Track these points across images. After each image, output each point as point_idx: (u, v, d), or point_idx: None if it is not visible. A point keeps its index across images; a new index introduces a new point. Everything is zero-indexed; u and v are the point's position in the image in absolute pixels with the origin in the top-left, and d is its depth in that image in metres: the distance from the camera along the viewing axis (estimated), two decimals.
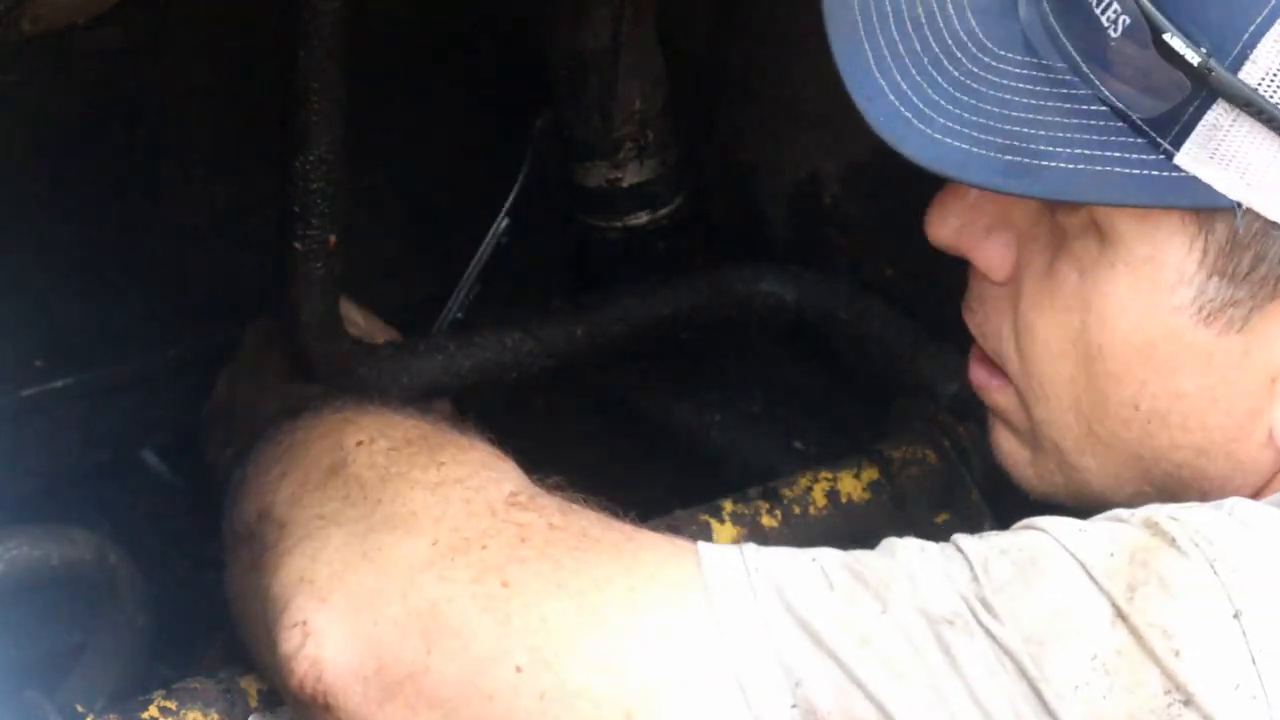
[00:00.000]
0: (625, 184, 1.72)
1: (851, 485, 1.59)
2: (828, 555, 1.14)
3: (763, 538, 1.53)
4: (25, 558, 1.41)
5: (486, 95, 1.82)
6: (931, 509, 1.61)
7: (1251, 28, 1.10)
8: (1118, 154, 1.14)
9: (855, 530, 1.58)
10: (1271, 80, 1.10)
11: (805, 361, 1.92)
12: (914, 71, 1.19)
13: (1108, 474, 1.27)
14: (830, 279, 1.83)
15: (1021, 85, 1.17)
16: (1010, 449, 1.32)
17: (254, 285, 1.70)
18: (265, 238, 1.56)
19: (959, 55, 1.19)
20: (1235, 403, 1.18)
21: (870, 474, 1.60)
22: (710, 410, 1.90)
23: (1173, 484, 1.24)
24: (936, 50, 1.19)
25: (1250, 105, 1.10)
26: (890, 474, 1.60)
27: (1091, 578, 1.08)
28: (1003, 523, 1.61)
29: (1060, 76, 1.16)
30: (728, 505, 1.55)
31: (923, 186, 1.75)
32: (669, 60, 1.71)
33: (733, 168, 1.95)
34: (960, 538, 1.13)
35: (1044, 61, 1.17)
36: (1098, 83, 1.15)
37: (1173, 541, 1.09)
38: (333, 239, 1.49)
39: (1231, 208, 1.12)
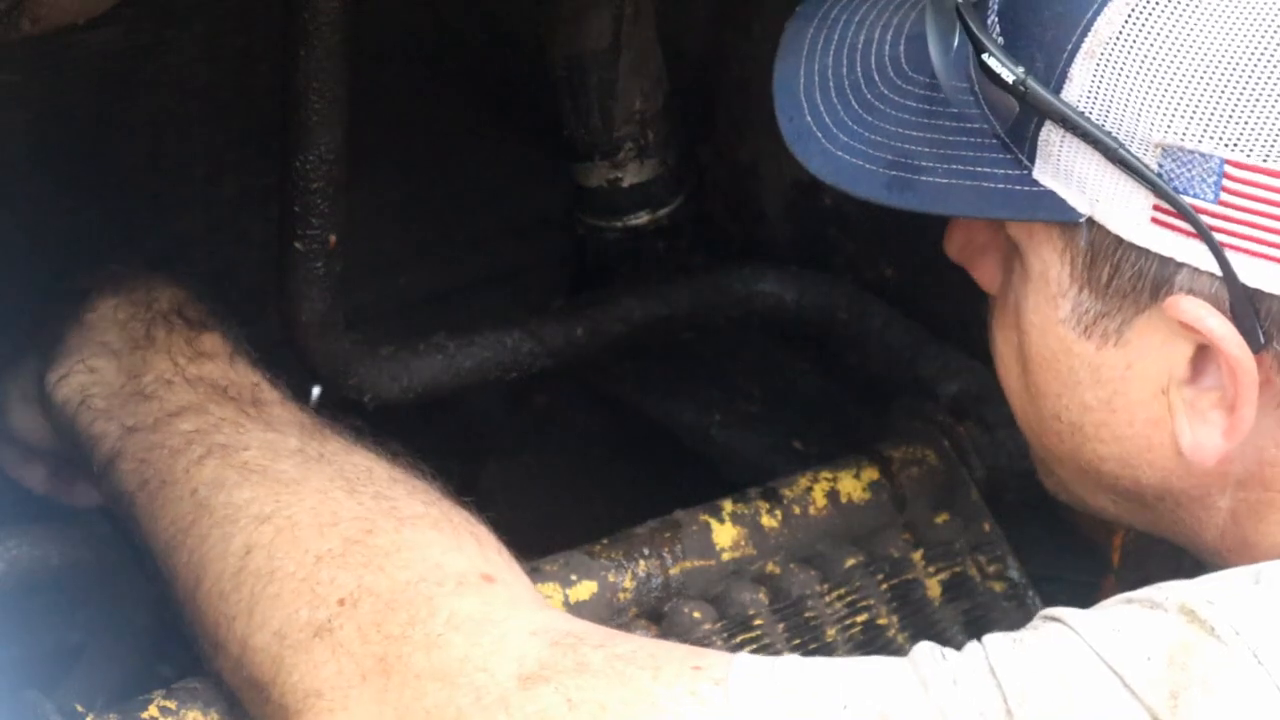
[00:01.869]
0: (625, 184, 1.72)
1: (851, 485, 1.59)
2: (859, 700, 1.10)
3: (763, 537, 1.53)
4: (25, 558, 1.42)
5: (487, 95, 1.82)
6: (931, 509, 1.61)
7: (1069, 46, 1.13)
8: (987, 169, 1.18)
9: (855, 530, 1.58)
10: (1088, 98, 1.13)
11: (805, 361, 1.92)
12: (834, 94, 1.25)
13: (1074, 482, 1.29)
14: (830, 279, 1.83)
15: (917, 105, 1.22)
16: (1028, 447, 1.34)
17: (254, 285, 1.71)
18: (265, 238, 1.56)
19: (876, 78, 1.25)
20: (1133, 413, 1.19)
21: (870, 474, 1.60)
22: (710, 410, 1.90)
23: (1123, 494, 1.25)
24: (859, 74, 1.25)
25: (1067, 123, 1.13)
26: (890, 474, 1.60)
27: (1131, 691, 1.06)
28: (1003, 523, 1.61)
29: (949, 96, 1.21)
30: (728, 505, 1.55)
31: None
32: (669, 60, 1.71)
33: (733, 168, 1.95)
34: (993, 652, 1.10)
35: (938, 83, 1.21)
36: (980, 102, 1.19)
37: (1212, 631, 1.07)
38: (333, 239, 1.49)
39: (1080, 220, 1.15)
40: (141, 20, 1.53)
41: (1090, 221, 1.15)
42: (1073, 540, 1.72)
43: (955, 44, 1.20)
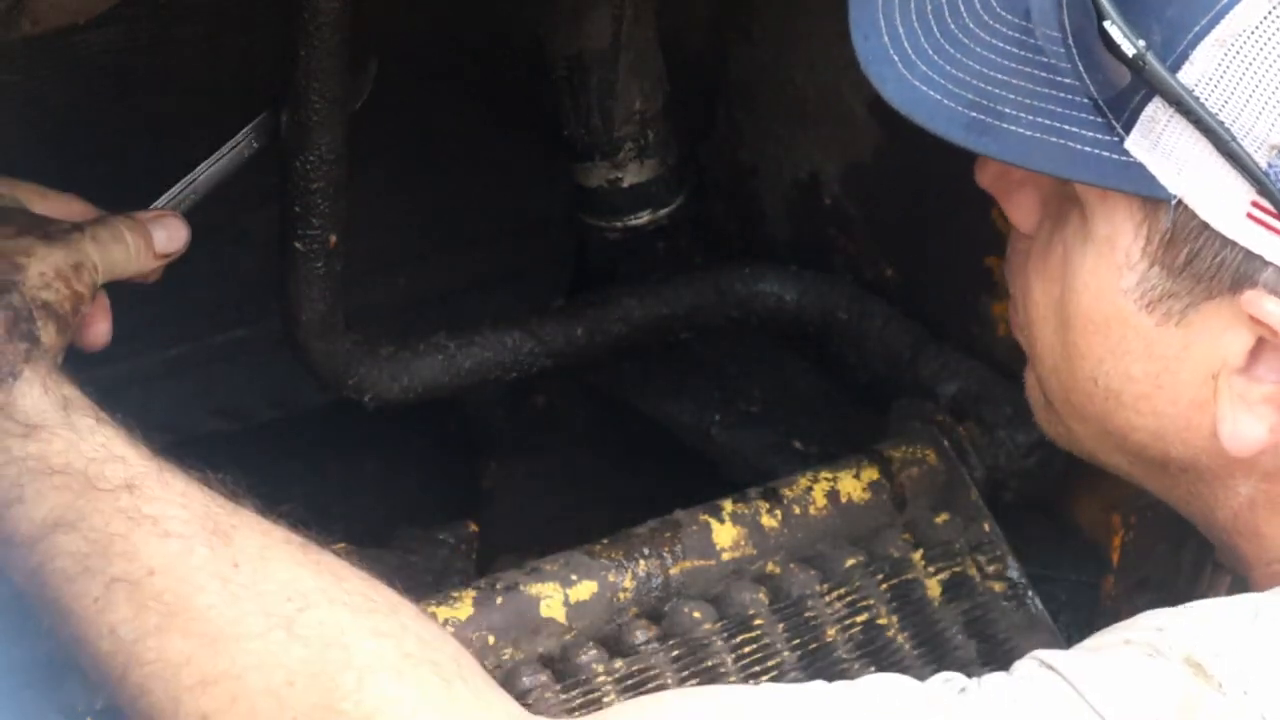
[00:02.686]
0: (625, 184, 1.72)
1: (851, 485, 1.59)
2: None
3: (763, 537, 1.53)
4: None
5: (487, 95, 1.82)
6: (931, 509, 1.61)
7: (1196, 28, 1.11)
8: (1076, 129, 1.15)
9: (855, 530, 1.58)
10: (1208, 84, 1.11)
11: (805, 362, 1.92)
12: (914, 18, 1.20)
13: (1090, 439, 1.28)
14: (830, 279, 1.83)
15: (1007, 47, 1.18)
16: (1031, 389, 1.33)
17: (254, 285, 1.71)
18: (265, 237, 1.56)
19: (961, 9, 1.20)
20: (1179, 392, 1.19)
21: (870, 474, 1.60)
22: (710, 410, 1.90)
23: (1146, 460, 1.24)
24: (944, 2, 1.20)
25: (1180, 105, 1.11)
26: (890, 474, 1.60)
27: None
28: (1003, 523, 1.61)
29: (1043, 45, 1.17)
30: (728, 505, 1.55)
31: (924, 184, 1.76)
32: (669, 60, 1.71)
33: (733, 168, 1.95)
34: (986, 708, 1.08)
35: (1033, 28, 1.18)
36: (1074, 57, 1.15)
37: (1219, 688, 1.06)
38: (333, 239, 1.49)
39: (1169, 200, 1.13)
40: (141, 20, 1.53)
41: (1179, 203, 1.13)
42: (1073, 540, 1.72)
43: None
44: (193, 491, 1.19)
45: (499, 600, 1.44)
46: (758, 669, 1.48)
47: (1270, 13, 1.10)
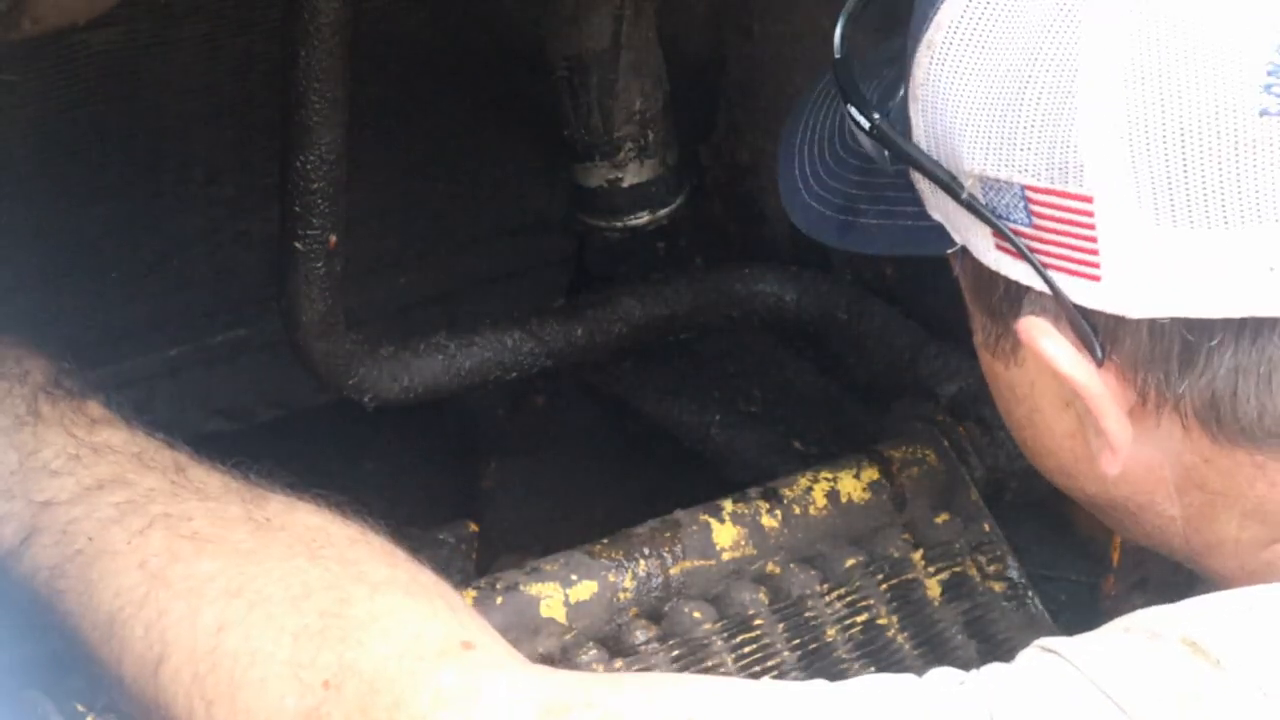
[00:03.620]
0: (625, 184, 1.72)
1: (851, 485, 1.59)
2: None
3: (763, 537, 1.53)
4: None
5: (487, 95, 1.82)
6: (931, 509, 1.61)
7: (902, 91, 1.19)
8: (903, 208, 1.22)
9: (855, 530, 1.58)
10: (925, 138, 1.17)
11: (805, 362, 1.92)
12: (818, 147, 1.31)
13: (1060, 485, 1.29)
14: (830, 279, 1.83)
15: (861, 159, 1.26)
16: None
17: (254, 285, 1.71)
18: (265, 237, 1.56)
19: (839, 130, 1.30)
20: (1051, 427, 1.21)
21: (870, 474, 1.60)
22: (710, 410, 1.90)
23: (1089, 503, 1.26)
24: (834, 126, 1.31)
25: (910, 161, 1.18)
26: (890, 474, 1.60)
27: None
28: (1003, 523, 1.61)
29: (866, 145, 1.25)
30: (728, 505, 1.55)
31: None
32: (669, 60, 1.71)
33: (733, 168, 1.95)
34: (995, 696, 1.07)
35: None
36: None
37: (1218, 663, 1.05)
38: (333, 239, 1.49)
39: (955, 251, 1.19)
40: (141, 20, 1.53)
41: (964, 250, 1.18)
42: (1073, 540, 1.72)
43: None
44: (233, 473, 1.31)
45: (499, 600, 1.44)
46: (758, 669, 1.48)
47: (932, 59, 1.15)
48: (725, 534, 1.53)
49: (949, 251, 1.20)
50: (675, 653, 1.46)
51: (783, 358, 1.94)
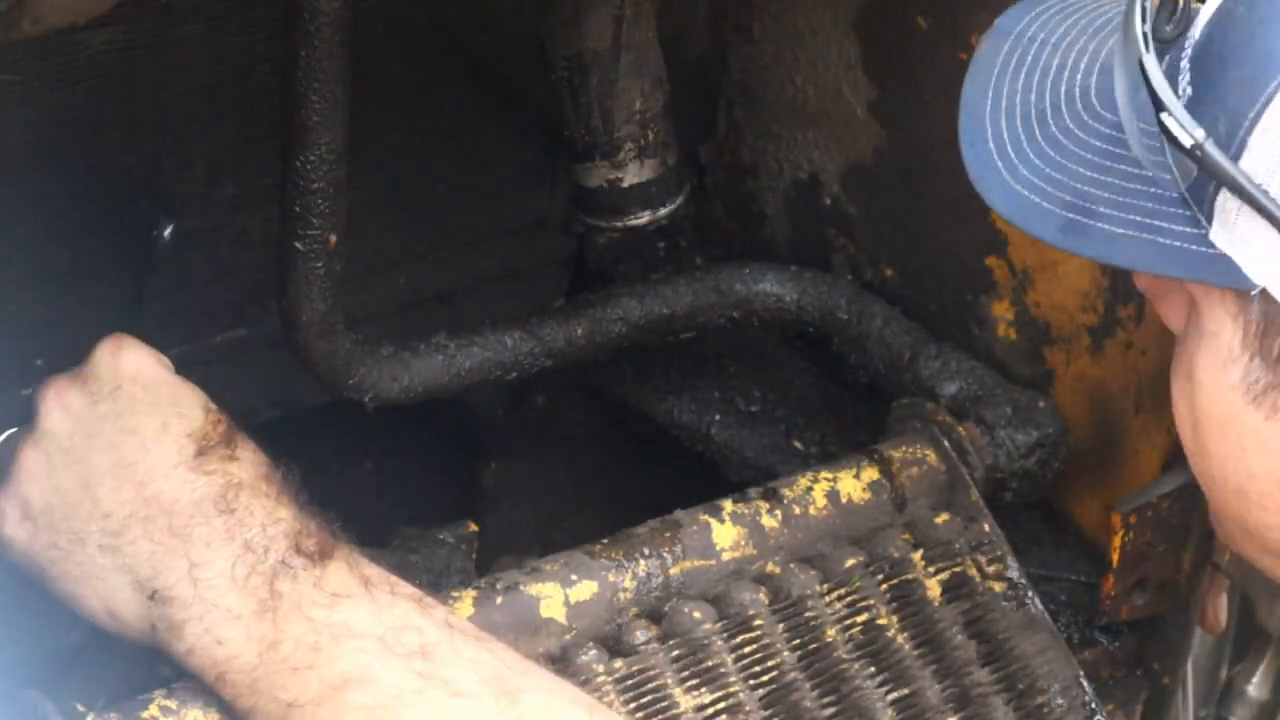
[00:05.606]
0: (626, 184, 1.71)
1: (851, 485, 1.59)
2: None
3: (763, 537, 1.54)
4: None
5: (487, 95, 1.82)
6: (931, 509, 1.61)
7: (1251, 114, 1.09)
8: (1164, 224, 1.13)
9: (855, 530, 1.58)
10: (1268, 170, 1.08)
11: (805, 362, 1.92)
12: (1019, 122, 1.21)
13: (1239, 539, 1.24)
14: (830, 279, 1.83)
15: (1102, 145, 1.17)
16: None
17: (254, 285, 1.71)
18: (265, 237, 1.56)
19: (1063, 110, 1.20)
20: None
21: (870, 474, 1.60)
22: (710, 410, 1.90)
23: None
24: (1047, 103, 1.20)
25: (1243, 193, 1.08)
26: (890, 474, 1.60)
27: None
28: (1003, 523, 1.62)
29: (1130, 141, 1.15)
30: (728, 505, 1.55)
31: (924, 185, 1.76)
32: (669, 60, 1.71)
33: (733, 168, 1.95)
34: None
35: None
36: (1158, 147, 1.13)
37: None
38: (333, 239, 1.49)
39: (1252, 290, 1.11)
40: (141, 20, 1.53)
41: (1264, 292, 1.10)
42: (1073, 540, 1.73)
43: (1143, 91, 1.13)
44: (483, 656, 1.27)
45: (499, 600, 1.44)
46: (758, 669, 1.48)
47: None
48: (725, 534, 1.53)
49: (1225, 285, 1.12)
50: (675, 653, 1.46)
51: (783, 358, 1.94)
